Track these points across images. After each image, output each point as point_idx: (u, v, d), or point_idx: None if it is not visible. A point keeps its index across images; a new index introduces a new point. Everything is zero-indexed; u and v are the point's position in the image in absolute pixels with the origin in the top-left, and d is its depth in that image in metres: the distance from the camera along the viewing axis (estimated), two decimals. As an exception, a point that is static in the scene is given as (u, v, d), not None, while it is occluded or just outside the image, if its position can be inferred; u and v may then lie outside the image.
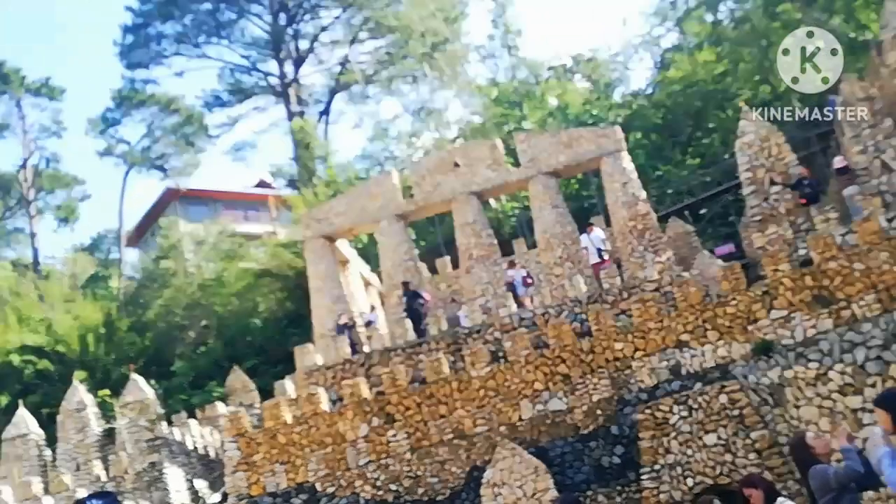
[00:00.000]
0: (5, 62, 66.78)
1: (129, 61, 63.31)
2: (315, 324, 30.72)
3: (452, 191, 30.16)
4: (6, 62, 66.83)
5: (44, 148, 69.29)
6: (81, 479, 28.29)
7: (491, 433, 20.78)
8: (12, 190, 71.18)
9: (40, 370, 39.95)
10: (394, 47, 60.92)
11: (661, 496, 18.57)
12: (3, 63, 66.68)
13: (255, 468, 21.69)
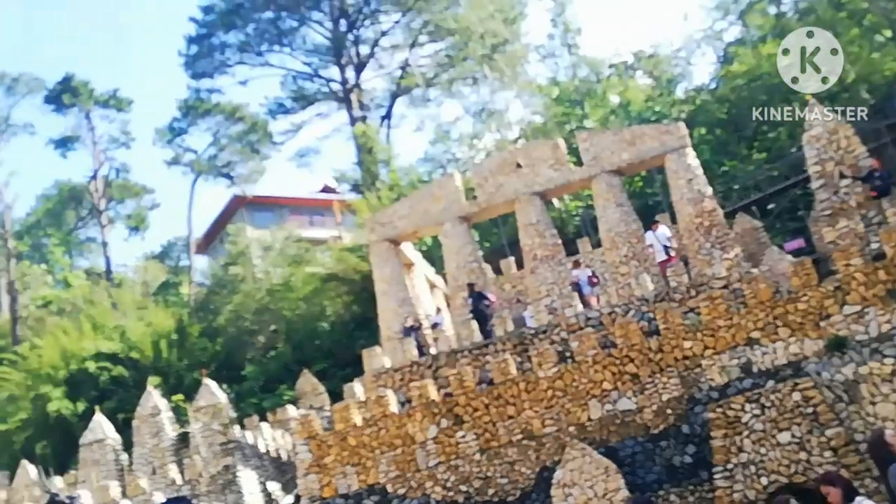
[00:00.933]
0: (74, 75, 68.47)
1: (193, 71, 64.41)
2: (382, 327, 30.91)
3: (515, 191, 30.13)
4: (75, 75, 68.53)
5: (113, 159, 70.99)
6: (157, 482, 28.82)
7: (560, 433, 20.74)
8: (84, 200, 72.98)
9: (115, 376, 40.79)
10: (453, 50, 61.04)
11: (735, 496, 18.36)
12: (72, 76, 68.34)
13: (326, 470, 21.92)
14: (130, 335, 44.04)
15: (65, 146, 70.21)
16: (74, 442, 34.11)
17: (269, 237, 53.69)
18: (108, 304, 54.19)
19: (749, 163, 39.25)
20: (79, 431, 34.65)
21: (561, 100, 47.96)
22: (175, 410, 33.98)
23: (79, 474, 31.42)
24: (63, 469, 33.50)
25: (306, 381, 34.39)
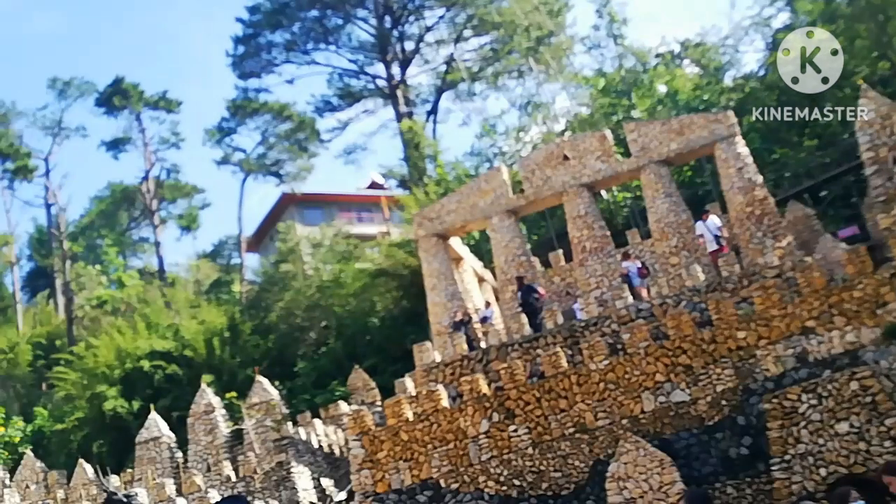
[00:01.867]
0: (124, 78, 69.40)
1: (241, 71, 64.97)
2: (431, 321, 30.96)
3: (563, 184, 29.99)
4: (125, 78, 69.47)
5: (164, 159, 71.94)
6: (212, 479, 29.11)
7: (613, 426, 20.60)
8: (136, 201, 74.02)
9: (169, 374, 41.27)
10: (498, 43, 60.87)
11: (793, 487, 18.11)
12: (122, 79, 69.27)
13: (379, 465, 21.97)
14: (184, 333, 44.53)
15: (116, 148, 71.29)
16: (130, 440, 34.61)
17: (318, 234, 54.00)
18: (161, 303, 54.89)
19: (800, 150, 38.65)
20: (134, 430, 35.14)
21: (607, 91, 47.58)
22: (228, 408, 34.29)
23: (135, 472, 31.87)
24: (119, 467, 33.99)
25: (358, 377, 34.54)
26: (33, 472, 33.69)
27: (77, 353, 46.91)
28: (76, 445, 40.25)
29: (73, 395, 44.38)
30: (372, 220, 65.49)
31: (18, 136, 69.31)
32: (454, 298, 30.35)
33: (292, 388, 39.08)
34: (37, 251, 75.14)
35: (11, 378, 55.60)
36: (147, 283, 65.13)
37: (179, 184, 73.99)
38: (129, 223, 79.07)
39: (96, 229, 78.04)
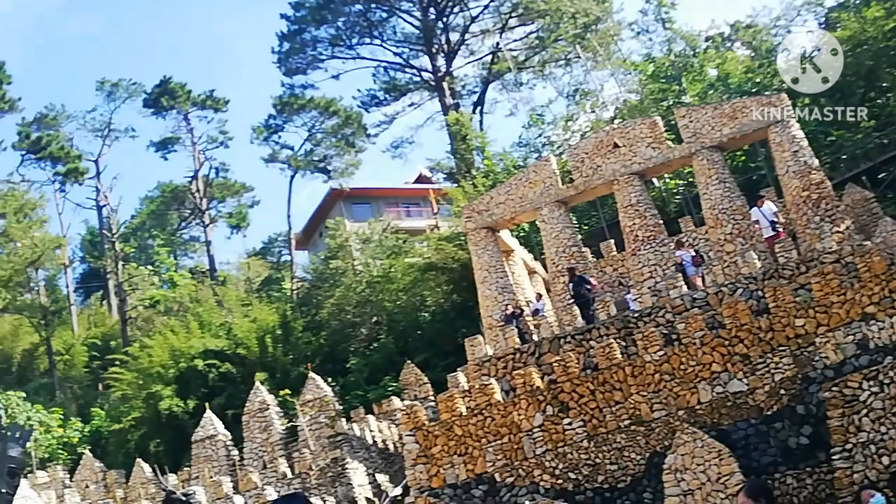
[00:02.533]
0: (171, 78, 70.01)
1: (287, 68, 65.04)
2: (482, 315, 30.76)
3: (613, 172, 29.60)
4: (172, 78, 70.06)
5: (213, 158, 72.47)
6: (268, 476, 29.21)
7: (669, 418, 20.30)
8: (186, 201, 74.71)
9: (223, 373, 41.50)
10: (544, 31, 60.32)
11: (855, 476, 17.71)
12: (169, 79, 69.88)
13: (434, 460, 21.85)
14: (236, 332, 44.77)
15: (165, 148, 71.98)
16: (186, 439, 34.87)
17: (367, 229, 54.01)
18: (213, 302, 55.30)
19: (857, 131, 37.77)
20: (190, 428, 35.39)
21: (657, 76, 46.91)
22: (282, 405, 34.40)
23: (191, 471, 32.11)
24: (176, 466, 34.24)
25: (410, 372, 34.47)
26: (92, 472, 34.11)
27: (132, 353, 47.38)
28: (133, 445, 40.66)
29: (129, 395, 44.83)
30: (420, 214, 65.38)
31: (69, 138, 70.27)
32: (505, 291, 30.11)
33: (345, 384, 39.11)
34: (89, 253, 76.20)
35: (68, 379, 56.44)
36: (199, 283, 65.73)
37: (228, 182, 74.54)
38: (180, 223, 79.85)
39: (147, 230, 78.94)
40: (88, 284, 76.14)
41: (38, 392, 51.79)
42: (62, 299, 67.38)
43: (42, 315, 58.73)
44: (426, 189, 61.79)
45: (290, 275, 63.08)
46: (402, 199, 68.44)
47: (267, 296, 57.58)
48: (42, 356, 58.47)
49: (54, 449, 42.94)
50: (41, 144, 67.61)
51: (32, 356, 59.29)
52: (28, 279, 62.12)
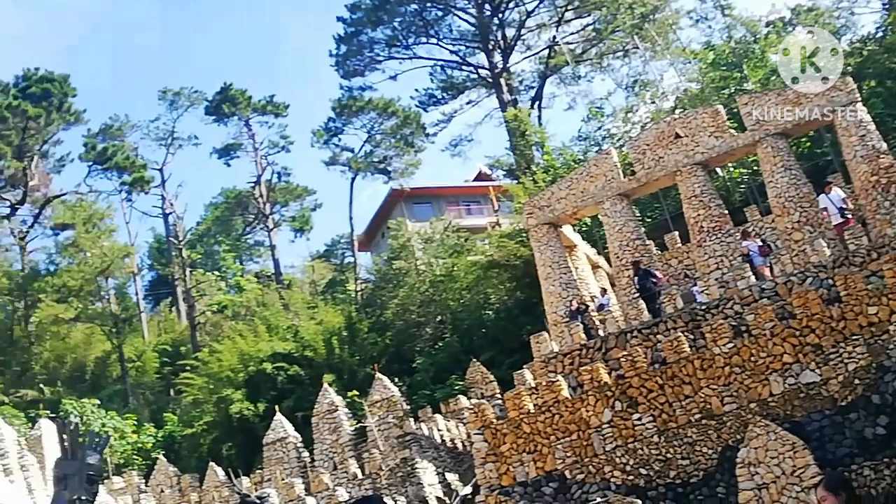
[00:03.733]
0: (231, 85, 70.86)
1: (344, 70, 65.41)
2: (547, 311, 30.60)
3: (676, 163, 29.24)
4: (232, 85, 70.91)
5: (275, 163, 73.22)
6: (339, 477, 29.41)
7: (741, 411, 19.98)
8: (250, 206, 75.59)
9: (291, 375, 41.87)
10: (601, 23, 59.84)
11: (936, 467, 17.26)
12: (230, 86, 70.74)
13: (503, 458, 21.79)
14: (303, 334, 45.16)
15: (228, 154, 72.87)
16: (257, 441, 35.27)
17: (428, 229, 54.09)
18: (279, 306, 55.87)
19: (926, 113, 36.84)
20: (261, 431, 35.79)
21: (717, 64, 46.20)
22: (350, 406, 34.63)
23: (263, 473, 32.46)
24: (248, 469, 34.64)
25: (476, 370, 34.45)
26: (167, 476, 34.64)
27: (201, 358, 48.06)
28: (206, 449, 41.22)
29: (200, 399, 45.49)
30: (481, 211, 65.32)
31: (134, 148, 71.56)
32: (569, 287, 29.92)
33: (411, 384, 39.21)
34: (157, 260, 77.45)
35: (140, 386, 57.43)
36: (264, 287, 66.43)
37: (290, 186, 75.23)
38: (244, 228, 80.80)
39: (213, 236, 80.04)
40: (157, 291, 77.41)
41: (111, 399, 52.79)
42: (132, 307, 68.58)
43: (113, 323, 59.86)
44: (486, 186, 61.71)
45: (353, 276, 63.42)
46: (462, 198, 68.44)
47: (332, 298, 58.00)
48: (114, 363, 59.58)
49: (129, 454, 43.72)
50: (107, 155, 68.89)
51: (105, 364, 60.42)
52: (98, 288, 63.36)
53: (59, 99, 67.45)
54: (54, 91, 67.26)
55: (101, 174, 69.87)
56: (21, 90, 66.58)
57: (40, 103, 66.09)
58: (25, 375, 55.69)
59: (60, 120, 68.35)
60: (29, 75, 67.96)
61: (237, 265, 79.61)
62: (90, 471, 14.65)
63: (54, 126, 68.53)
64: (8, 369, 54.49)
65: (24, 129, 65.59)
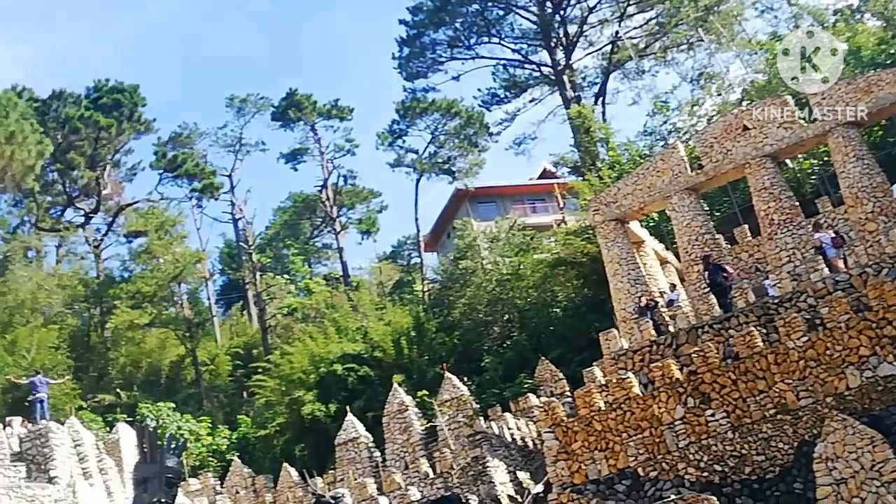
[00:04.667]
0: (297, 90, 71.59)
1: (407, 72, 65.64)
2: (616, 308, 30.44)
3: (744, 156, 28.89)
4: (298, 90, 71.64)
5: (341, 166, 73.68)
6: (411, 477, 29.57)
7: (817, 405, 19.67)
8: (317, 209, 76.32)
9: (361, 376, 42.15)
10: (665, 16, 59.21)
11: None
12: (295, 91, 71.48)
13: (574, 456, 21.73)
14: (372, 335, 45.43)
15: (294, 159, 73.59)
16: (329, 442, 35.63)
17: (493, 228, 54.06)
18: (348, 307, 56.31)
19: None
20: (332, 432, 36.13)
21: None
22: (420, 405, 34.79)
23: (336, 473, 32.78)
24: (321, 469, 34.98)
25: (545, 369, 34.37)
26: (241, 477, 35.16)
27: (273, 360, 48.63)
28: (279, 450, 41.68)
29: (272, 401, 46.04)
30: (546, 209, 65.01)
31: (203, 155, 72.58)
32: (637, 283, 29.73)
33: (480, 382, 39.22)
34: (228, 265, 78.53)
35: (214, 388, 58.31)
36: (333, 289, 66.98)
37: (357, 189, 75.74)
38: (312, 231, 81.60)
39: (281, 240, 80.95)
40: (228, 296, 78.50)
41: (186, 402, 53.67)
42: (204, 311, 69.65)
43: (186, 327, 60.86)
44: (551, 184, 61.46)
45: (420, 277, 63.63)
46: (527, 196, 68.25)
47: (399, 299, 58.26)
48: (188, 367, 60.54)
49: (204, 457, 44.41)
50: (177, 163, 70.11)
51: (179, 367, 61.42)
52: (171, 293, 64.46)
53: (129, 109, 68.81)
54: (125, 101, 68.63)
55: (172, 181, 71.15)
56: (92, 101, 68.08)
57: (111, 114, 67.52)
58: (102, 380, 56.86)
59: (131, 129, 69.72)
60: (100, 86, 69.45)
61: (306, 268, 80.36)
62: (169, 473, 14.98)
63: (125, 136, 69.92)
64: (86, 375, 55.66)
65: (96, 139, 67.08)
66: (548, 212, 63.51)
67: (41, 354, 51.02)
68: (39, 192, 66.71)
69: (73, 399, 48.32)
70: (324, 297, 64.03)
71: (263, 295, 66.00)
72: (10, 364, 49.13)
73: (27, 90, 65.53)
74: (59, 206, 71.06)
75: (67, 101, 67.52)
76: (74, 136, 66.41)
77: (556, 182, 59.69)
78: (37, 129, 53.12)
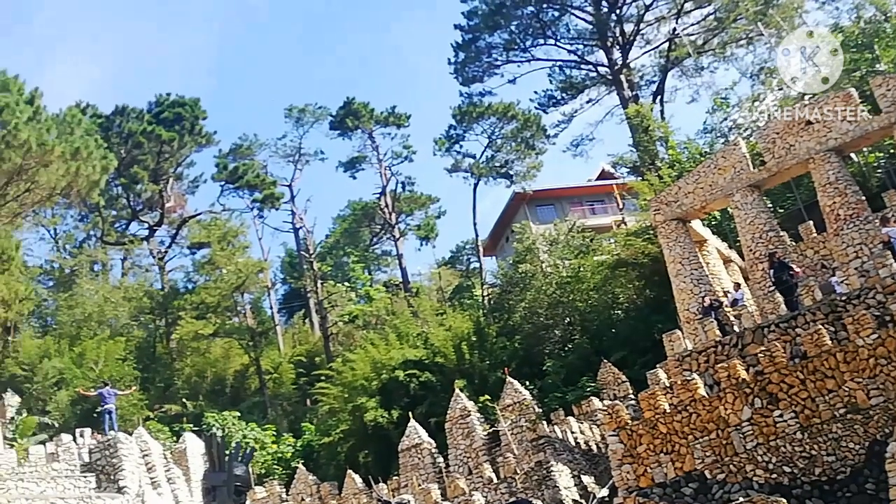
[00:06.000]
0: (354, 99, 72.05)
1: (463, 77, 65.70)
2: (679, 308, 30.04)
3: (808, 151, 28.32)
4: (355, 98, 72.10)
5: (399, 173, 74.05)
6: (475, 482, 29.42)
7: (889, 404, 19.15)
8: (376, 217, 76.71)
9: (423, 382, 42.12)
10: (722, 11, 58.51)
11: None
12: (352, 100, 71.95)
13: (640, 460, 21.43)
14: (433, 341, 45.40)
15: (353, 167, 74.15)
16: (392, 448, 35.64)
17: (552, 231, 53.77)
18: (408, 314, 56.38)
19: None
20: (395, 438, 36.14)
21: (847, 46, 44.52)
22: (482, 410, 34.64)
23: (400, 479, 32.77)
24: (385, 475, 35.00)
25: (607, 371, 34.06)
26: (307, 485, 35.28)
27: (335, 368, 48.85)
28: (343, 457, 41.80)
29: (335, 408, 46.21)
30: (605, 210, 64.71)
31: (263, 166, 73.50)
32: (701, 283, 29.30)
33: (542, 386, 38.97)
34: (289, 274, 79.24)
35: (278, 397, 58.82)
36: (393, 295, 67.21)
37: (415, 195, 75.96)
38: (372, 238, 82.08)
39: (341, 248, 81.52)
40: (290, 304, 79.24)
41: (251, 410, 54.20)
42: (267, 320, 70.31)
43: (250, 336, 61.48)
44: (610, 185, 61.10)
45: (479, 281, 63.57)
46: (585, 198, 67.96)
47: (459, 304, 58.24)
48: (252, 376, 61.18)
49: (270, 465, 44.76)
50: (238, 174, 71.10)
51: (244, 376, 62.11)
52: (235, 303, 65.26)
53: (190, 122, 69.93)
54: (185, 115, 69.76)
55: (233, 193, 72.22)
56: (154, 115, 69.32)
57: (173, 127, 68.70)
58: (169, 390, 57.67)
59: (193, 142, 70.87)
60: (161, 101, 70.68)
61: (366, 275, 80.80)
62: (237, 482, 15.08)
63: (187, 148, 71.13)
64: (152, 385, 56.52)
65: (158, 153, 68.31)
66: (607, 213, 63.16)
67: (109, 366, 51.99)
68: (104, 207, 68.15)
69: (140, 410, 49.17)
70: (384, 303, 64.25)
71: (325, 303, 66.45)
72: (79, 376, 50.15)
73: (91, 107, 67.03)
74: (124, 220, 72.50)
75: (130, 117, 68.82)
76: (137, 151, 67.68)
77: (615, 183, 59.30)
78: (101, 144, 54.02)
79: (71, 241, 73.00)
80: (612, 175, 64.16)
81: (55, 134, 49.20)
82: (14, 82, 49.55)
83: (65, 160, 48.06)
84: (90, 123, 59.63)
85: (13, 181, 47.88)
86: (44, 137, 47.32)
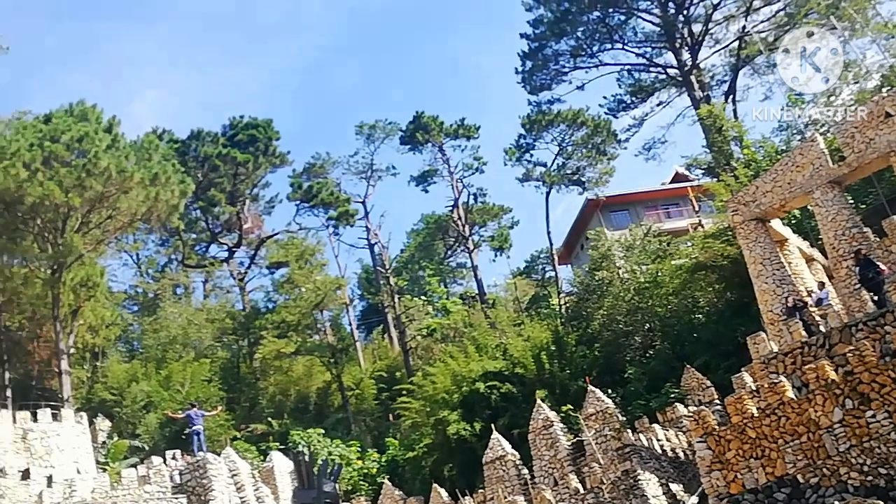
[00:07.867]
0: (423, 113, 72.47)
1: (531, 86, 65.60)
2: (762, 310, 29.54)
3: (888, 144, 27.65)
4: (424, 112, 72.50)
5: (470, 185, 74.30)
6: (561, 493, 29.25)
7: None
8: (449, 229, 76.95)
9: (504, 393, 42.02)
10: (793, 7, 57.54)
11: None
12: (422, 114, 72.36)
13: (729, 466, 21.08)
14: (512, 352, 45.29)
15: (425, 181, 74.46)
16: (476, 461, 35.62)
17: (628, 236, 53.31)
18: (486, 325, 56.37)
19: None
20: (479, 450, 36.13)
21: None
22: (565, 420, 34.47)
23: (486, 492, 32.73)
24: (471, 488, 35.01)
25: (691, 377, 33.63)
26: (393, 500, 35.49)
27: (416, 382, 49.00)
28: (428, 471, 41.89)
29: (418, 422, 46.36)
30: (680, 214, 63.95)
31: (336, 184, 74.39)
32: (783, 283, 28.77)
33: (624, 394, 38.61)
34: (366, 290, 79.96)
35: (361, 412, 59.21)
36: (470, 307, 67.27)
37: (487, 206, 76.03)
38: (446, 251, 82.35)
39: (417, 262, 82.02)
40: (369, 320, 79.90)
41: (335, 427, 54.68)
42: (347, 337, 70.98)
43: (331, 353, 62.05)
44: (684, 188, 60.39)
45: (556, 290, 63.29)
46: (660, 201, 67.24)
47: (536, 314, 58.01)
48: (335, 392, 61.72)
49: (356, 481, 45.09)
50: (312, 193, 72.04)
51: (326, 393, 62.70)
52: (315, 321, 65.97)
53: (264, 143, 71.18)
54: (259, 136, 71.01)
55: (309, 211, 73.21)
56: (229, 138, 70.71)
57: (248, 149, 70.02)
58: (254, 410, 58.54)
59: (267, 163, 72.12)
60: (235, 123, 72.03)
61: (442, 288, 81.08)
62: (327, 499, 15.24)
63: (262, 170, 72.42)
64: (238, 405, 57.39)
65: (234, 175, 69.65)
66: (682, 216, 62.44)
67: (195, 388, 52.96)
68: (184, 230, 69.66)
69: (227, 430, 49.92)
70: (461, 316, 64.37)
71: (402, 317, 66.80)
72: (167, 398, 51.16)
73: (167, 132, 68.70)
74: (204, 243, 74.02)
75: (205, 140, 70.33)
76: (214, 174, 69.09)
77: (690, 185, 58.59)
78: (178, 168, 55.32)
79: (153, 266, 74.74)
80: (687, 177, 63.45)
81: (134, 160, 50.51)
82: (92, 111, 51.05)
83: (144, 186, 49.26)
84: (167, 149, 61.09)
85: (95, 208, 49.23)
86: (123, 164, 48.58)
